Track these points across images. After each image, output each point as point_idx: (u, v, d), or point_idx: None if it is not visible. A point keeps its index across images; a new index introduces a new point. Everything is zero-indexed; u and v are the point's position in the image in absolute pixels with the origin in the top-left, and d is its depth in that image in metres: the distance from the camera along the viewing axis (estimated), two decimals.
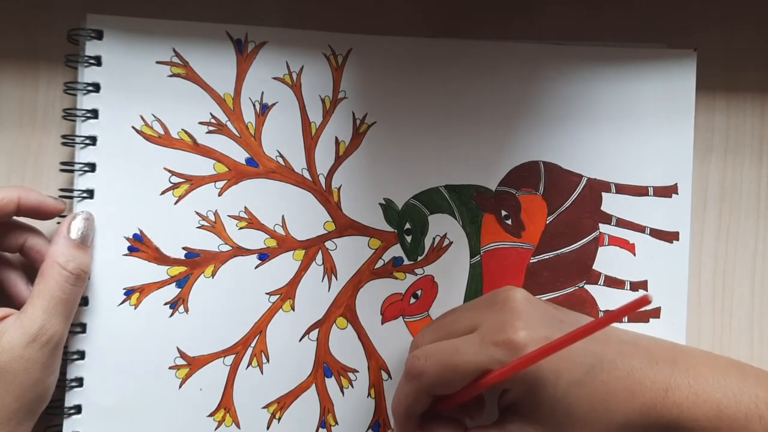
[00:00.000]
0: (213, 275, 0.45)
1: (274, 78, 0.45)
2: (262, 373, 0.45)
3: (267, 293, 0.45)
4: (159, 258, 0.45)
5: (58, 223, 0.43)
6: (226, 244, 0.45)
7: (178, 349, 0.45)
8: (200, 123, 0.45)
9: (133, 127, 0.44)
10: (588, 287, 0.47)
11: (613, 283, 0.47)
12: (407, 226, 0.46)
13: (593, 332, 0.34)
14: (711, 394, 0.38)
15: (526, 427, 0.38)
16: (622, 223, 0.47)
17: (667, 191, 0.47)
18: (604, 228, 0.47)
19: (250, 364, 0.45)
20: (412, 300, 0.46)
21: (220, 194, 0.45)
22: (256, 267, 0.45)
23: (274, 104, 0.45)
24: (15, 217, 0.42)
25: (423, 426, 0.40)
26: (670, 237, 0.47)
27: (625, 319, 0.46)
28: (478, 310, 0.40)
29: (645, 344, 0.39)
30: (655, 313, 0.47)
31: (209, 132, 0.45)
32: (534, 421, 0.38)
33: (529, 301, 0.39)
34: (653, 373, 0.38)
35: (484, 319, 0.39)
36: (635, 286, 0.47)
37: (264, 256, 0.45)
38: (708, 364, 0.39)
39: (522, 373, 0.36)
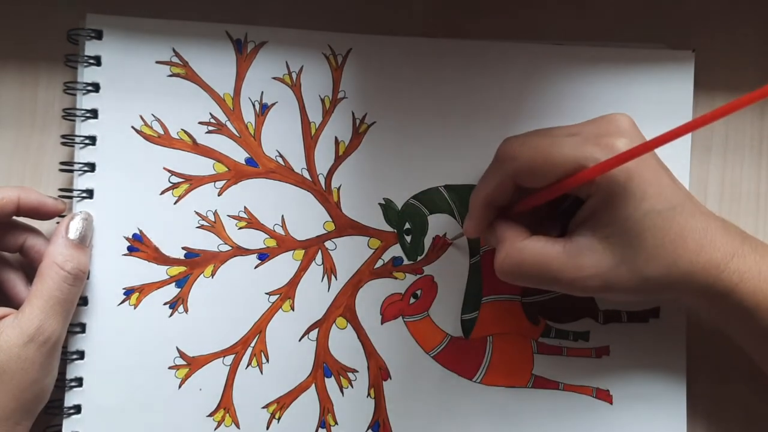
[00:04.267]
0: (212, 275, 0.45)
1: (274, 78, 0.45)
2: (261, 373, 0.45)
3: (266, 293, 0.45)
4: (158, 258, 0.45)
5: (58, 223, 0.43)
6: (226, 244, 0.45)
7: (177, 349, 0.45)
8: (200, 123, 0.45)
9: (132, 127, 0.45)
10: None
11: None
12: (407, 225, 0.46)
13: (703, 125, 0.33)
14: None
15: (595, 241, 0.38)
16: None
17: None
18: None
19: (249, 364, 0.45)
20: (412, 300, 0.46)
21: (219, 194, 0.45)
22: (255, 267, 0.45)
23: (274, 104, 0.45)
24: (15, 217, 0.42)
25: (492, 224, 0.41)
26: None
27: (625, 318, 0.46)
28: (579, 126, 0.40)
29: (720, 218, 0.40)
30: (655, 313, 0.47)
31: (209, 132, 0.45)
32: (604, 237, 0.38)
33: (634, 125, 0.39)
34: (724, 237, 0.39)
35: (586, 128, 0.39)
36: None
37: (264, 255, 0.45)
38: None
39: (610, 180, 0.37)
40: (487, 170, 0.41)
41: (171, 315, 0.45)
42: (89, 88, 0.44)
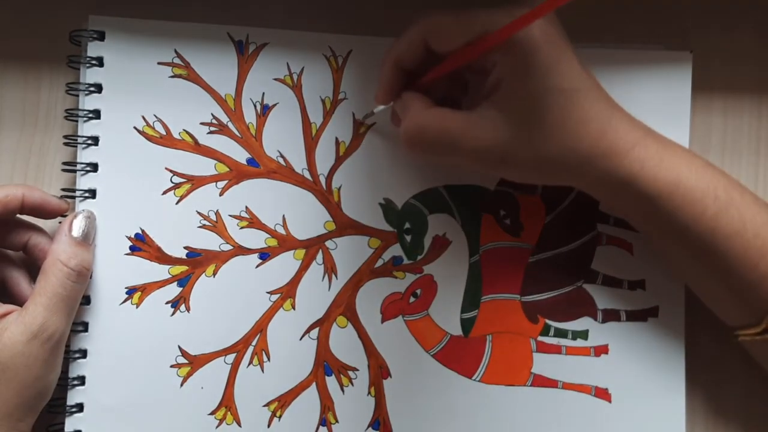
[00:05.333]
0: (214, 274, 0.45)
1: (275, 79, 0.46)
2: (262, 371, 0.45)
3: (268, 292, 0.46)
4: (161, 257, 0.45)
5: (60, 222, 0.43)
6: (227, 243, 0.45)
7: (179, 347, 0.45)
8: (201, 123, 0.45)
9: (134, 128, 0.45)
10: (586, 286, 0.47)
11: (611, 282, 0.47)
12: (407, 225, 0.46)
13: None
14: (675, 163, 0.39)
15: (496, 113, 0.38)
16: (620, 223, 0.47)
17: None
18: (602, 227, 0.47)
19: (251, 362, 0.45)
20: (412, 299, 0.46)
21: (221, 194, 0.45)
22: (257, 266, 0.46)
23: (275, 105, 0.46)
24: (18, 216, 0.42)
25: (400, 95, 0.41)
26: None
27: (624, 318, 0.47)
28: None
29: (626, 111, 0.41)
30: (654, 312, 0.47)
31: (210, 132, 0.45)
32: (505, 110, 0.38)
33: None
34: (629, 128, 0.39)
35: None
36: (633, 285, 0.47)
37: (265, 255, 0.46)
38: (679, 146, 0.41)
39: (516, 50, 0.37)
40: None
41: (173, 314, 0.45)
42: (92, 88, 0.44)
